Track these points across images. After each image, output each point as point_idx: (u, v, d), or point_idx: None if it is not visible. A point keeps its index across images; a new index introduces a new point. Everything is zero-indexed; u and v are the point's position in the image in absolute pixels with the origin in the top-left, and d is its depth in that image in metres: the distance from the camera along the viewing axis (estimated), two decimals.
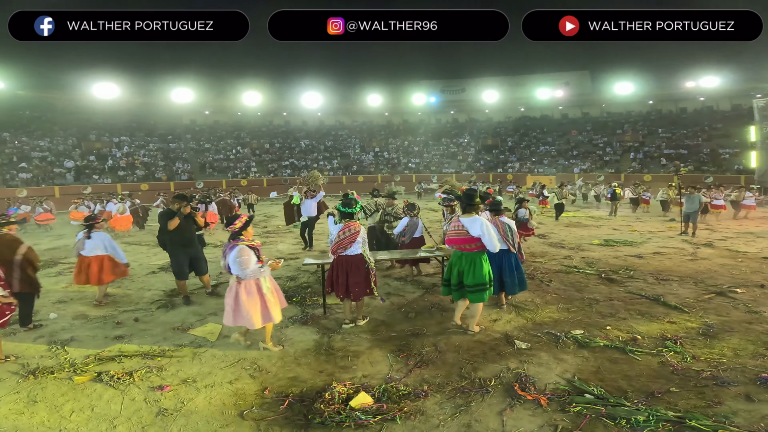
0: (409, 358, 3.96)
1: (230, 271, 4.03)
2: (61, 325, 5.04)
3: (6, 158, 26.57)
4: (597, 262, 7.96)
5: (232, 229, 4.04)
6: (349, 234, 4.49)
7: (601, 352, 4.07)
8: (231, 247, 4.00)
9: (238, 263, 3.90)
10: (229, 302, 3.99)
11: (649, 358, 3.89)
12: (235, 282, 3.99)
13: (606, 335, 4.48)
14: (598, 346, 4.19)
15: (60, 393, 3.43)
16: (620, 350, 4.06)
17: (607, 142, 35.10)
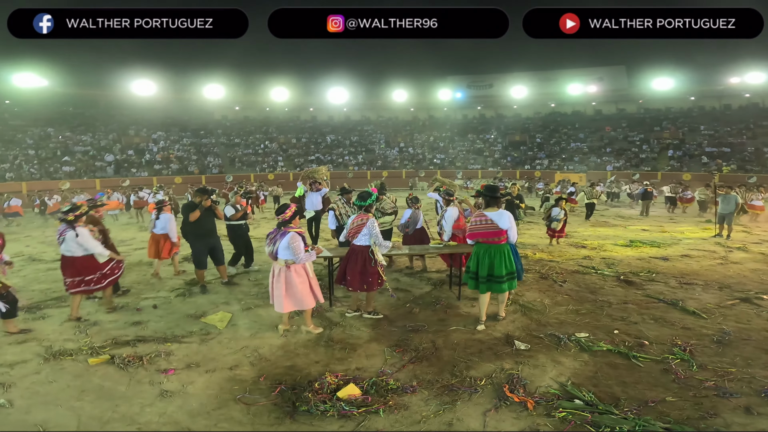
0: (404, 353, 4.01)
1: (276, 257, 4.26)
2: (88, 310, 5.38)
3: (51, 152, 28.33)
4: (617, 264, 7.71)
5: (282, 218, 4.26)
6: (358, 224, 4.67)
7: (602, 356, 3.97)
8: (282, 234, 4.23)
9: (291, 249, 4.16)
10: (280, 288, 4.22)
11: (652, 364, 3.77)
12: (284, 268, 4.22)
13: (612, 339, 4.36)
14: (601, 350, 4.09)
15: (75, 374, 3.69)
16: (623, 355, 3.95)
17: (644, 139, 33.60)
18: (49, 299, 5.92)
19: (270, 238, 4.35)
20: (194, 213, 5.90)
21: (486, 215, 4.47)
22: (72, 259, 4.97)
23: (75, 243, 4.90)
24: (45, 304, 5.67)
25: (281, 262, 4.26)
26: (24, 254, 9.30)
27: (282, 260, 4.25)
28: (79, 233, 4.89)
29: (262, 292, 6.04)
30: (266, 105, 39.80)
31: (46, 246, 10.37)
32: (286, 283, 4.21)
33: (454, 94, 39.59)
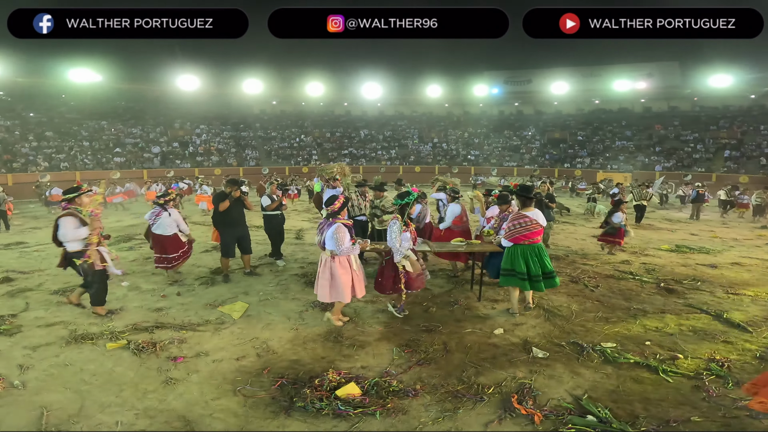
0: (413, 354, 3.88)
1: (324, 247, 4.34)
2: (117, 296, 5.62)
3: (103, 144, 30.16)
4: (659, 270, 7.17)
5: (331, 209, 4.30)
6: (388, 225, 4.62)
7: (628, 369, 3.67)
8: (329, 225, 4.30)
9: (335, 239, 4.21)
10: (326, 277, 4.30)
11: (683, 380, 3.44)
12: (329, 258, 4.29)
13: (641, 351, 4.04)
14: (627, 362, 3.78)
15: (91, 359, 3.82)
16: (652, 369, 3.63)
17: (698, 138, 31.31)
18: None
19: (319, 228, 4.46)
20: (224, 203, 6.05)
21: (528, 216, 4.61)
22: (162, 237, 6.02)
23: (168, 222, 6.01)
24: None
25: (327, 253, 4.32)
26: None
27: (328, 250, 4.31)
28: (171, 213, 6.08)
29: (282, 285, 6.10)
30: (302, 100, 40.45)
31: None
32: (332, 273, 4.28)
33: (491, 90, 38.49)
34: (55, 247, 4.99)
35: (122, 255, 8.09)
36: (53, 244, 4.90)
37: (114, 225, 12.32)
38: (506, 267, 4.76)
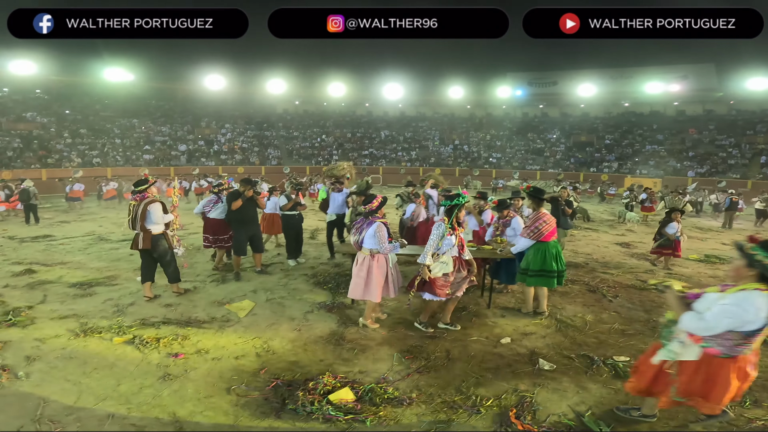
0: (414, 360, 3.78)
1: (361, 246, 4.35)
2: (130, 291, 5.75)
3: (134, 141, 31.23)
4: (685, 281, 6.81)
5: (369, 207, 4.32)
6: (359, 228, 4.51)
7: None
8: (368, 224, 4.32)
9: (377, 238, 4.24)
10: (362, 276, 4.31)
11: None
12: (368, 257, 4.31)
13: None
14: None
15: (95, 352, 3.90)
16: None
17: (734, 143, 29.81)
18: (102, 277, 6.40)
19: (356, 227, 4.44)
20: (236, 201, 6.14)
21: (547, 213, 4.88)
22: (216, 221, 6.78)
23: (223, 209, 6.70)
24: (97, 282, 6.14)
25: (365, 251, 4.33)
26: (95, 233, 10.25)
27: (366, 249, 4.31)
28: (224, 200, 6.71)
29: (291, 284, 6.10)
30: (324, 100, 40.80)
31: (117, 227, 11.36)
32: (369, 272, 4.28)
33: (514, 92, 37.80)
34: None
35: None
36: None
37: None
38: (536, 268, 4.78)
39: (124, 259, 7.54)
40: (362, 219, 4.42)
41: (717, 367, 2.58)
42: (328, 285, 5.95)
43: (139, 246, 5.23)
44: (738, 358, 2.56)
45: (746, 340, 2.49)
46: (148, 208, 5.21)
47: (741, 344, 2.50)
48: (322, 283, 6.10)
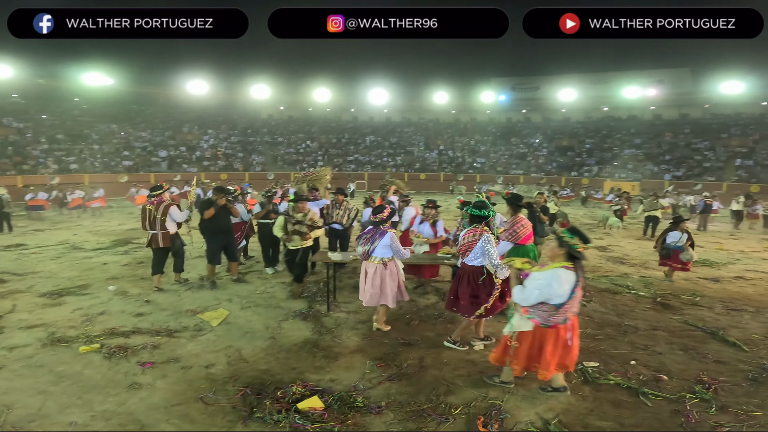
0: (386, 368, 3.78)
1: (369, 256, 4.37)
2: (101, 300, 5.62)
3: (113, 147, 30.62)
4: (658, 284, 6.96)
5: (380, 217, 4.37)
6: (470, 240, 4.02)
7: (607, 391, 3.51)
8: (381, 234, 4.35)
9: (393, 248, 4.36)
10: (375, 284, 4.37)
11: (663, 404, 3.28)
12: (380, 266, 4.38)
13: (625, 372, 3.87)
14: (608, 384, 3.62)
15: (62, 361, 3.82)
16: (632, 391, 3.48)
17: (710, 146, 30.76)
18: (73, 286, 6.25)
19: (365, 238, 4.42)
20: (209, 210, 6.07)
21: (525, 218, 5.10)
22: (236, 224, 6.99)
23: (242, 211, 7.08)
24: (67, 291, 5.99)
25: (377, 260, 4.38)
26: (69, 242, 10.00)
27: (378, 258, 4.38)
28: (239, 207, 7.07)
29: (268, 292, 6.04)
30: (309, 105, 40.75)
31: (92, 235, 11.11)
32: (382, 281, 4.35)
33: (498, 97, 38.43)
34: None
35: (115, 259, 8.15)
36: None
37: (115, 228, 12.45)
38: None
39: (96, 268, 7.38)
40: (371, 229, 4.43)
41: (541, 336, 3.14)
42: (304, 294, 5.90)
43: (159, 244, 5.93)
44: (557, 328, 3.11)
45: (558, 312, 3.03)
46: (169, 210, 5.95)
47: (554, 315, 3.04)
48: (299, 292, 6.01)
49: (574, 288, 3.01)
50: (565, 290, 2.97)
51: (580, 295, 3.07)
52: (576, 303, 3.07)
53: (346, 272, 6.96)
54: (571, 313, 3.08)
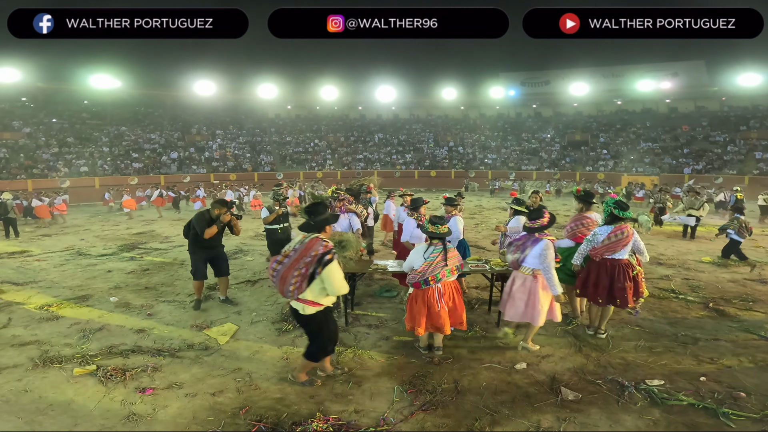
0: (417, 395, 3.29)
1: (520, 265, 3.98)
2: (101, 313, 5.22)
3: (123, 149, 30.55)
4: (705, 287, 6.38)
5: (540, 223, 3.95)
6: (623, 237, 4.19)
7: (680, 413, 3.04)
8: (534, 241, 3.92)
9: (545, 256, 3.84)
10: (521, 297, 3.99)
11: (748, 425, 2.77)
12: (530, 277, 3.95)
13: (696, 389, 3.39)
14: (680, 404, 3.14)
15: (54, 385, 3.42)
16: (710, 412, 2.99)
17: (729, 139, 29.73)
18: (74, 297, 5.87)
19: (517, 245, 4.06)
20: (211, 229, 5.11)
21: (590, 217, 4.98)
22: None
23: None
24: (67, 303, 5.61)
25: (527, 271, 3.97)
26: (75, 248, 9.67)
27: (529, 269, 3.95)
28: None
29: (278, 304, 5.56)
30: (317, 104, 40.37)
31: (99, 240, 10.79)
32: (530, 294, 3.95)
33: (507, 92, 37.59)
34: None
35: (120, 266, 7.78)
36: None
37: (123, 232, 12.14)
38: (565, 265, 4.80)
39: (100, 276, 7.01)
40: (524, 235, 4.05)
41: (413, 298, 3.83)
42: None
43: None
44: (426, 291, 3.77)
45: (420, 277, 3.74)
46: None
47: (418, 279, 3.75)
48: None
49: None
50: (418, 261, 3.85)
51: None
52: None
53: (364, 280, 6.48)
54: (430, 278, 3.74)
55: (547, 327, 4.70)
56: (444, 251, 3.77)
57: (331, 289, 3.15)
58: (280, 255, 3.23)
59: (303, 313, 3.19)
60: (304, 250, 3.13)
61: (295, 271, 3.09)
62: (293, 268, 3.10)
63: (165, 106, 37.85)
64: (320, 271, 3.08)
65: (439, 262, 3.73)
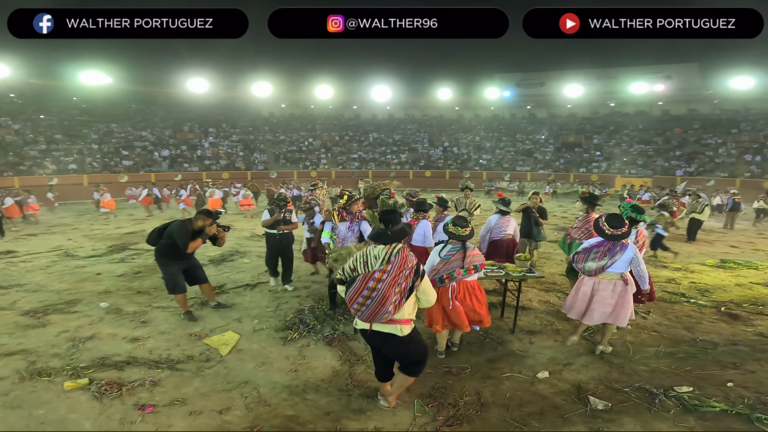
0: (440, 409, 3.08)
1: (603, 270, 3.91)
2: (91, 319, 4.91)
3: (113, 147, 29.89)
4: (713, 291, 6.28)
5: (623, 231, 3.86)
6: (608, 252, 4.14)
7: (714, 420, 2.94)
8: (622, 247, 3.89)
9: (638, 260, 3.94)
10: (610, 303, 3.95)
11: None
12: (620, 282, 3.94)
13: (725, 395, 3.28)
14: (713, 410, 3.03)
15: (44, 401, 3.14)
16: (743, 418, 2.88)
17: (720, 142, 30.06)
18: (60, 303, 5.53)
19: (601, 252, 3.93)
20: (195, 243, 4.72)
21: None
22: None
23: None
24: (54, 308, 5.28)
25: (615, 276, 3.94)
26: (62, 248, 9.28)
27: (618, 274, 3.94)
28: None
29: (281, 310, 5.28)
30: (311, 102, 40.00)
31: (87, 240, 10.40)
32: (621, 298, 3.93)
33: (502, 93, 37.64)
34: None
35: (110, 268, 7.44)
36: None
37: (113, 232, 11.75)
38: None
39: (89, 280, 6.66)
40: (606, 242, 3.93)
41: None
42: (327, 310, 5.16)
43: None
44: (439, 289, 3.69)
45: (435, 274, 3.74)
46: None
47: (433, 277, 3.73)
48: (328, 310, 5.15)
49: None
50: (434, 260, 3.88)
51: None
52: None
53: None
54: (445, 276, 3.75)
55: (564, 334, 4.55)
56: (463, 250, 3.77)
57: (428, 300, 2.97)
58: (378, 273, 2.80)
59: (401, 334, 2.86)
60: (401, 263, 2.83)
61: (396, 287, 2.78)
62: (394, 284, 2.78)
63: (156, 103, 37.19)
64: (419, 284, 2.86)
65: (456, 260, 3.73)
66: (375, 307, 2.78)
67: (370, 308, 2.79)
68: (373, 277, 2.80)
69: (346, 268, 2.96)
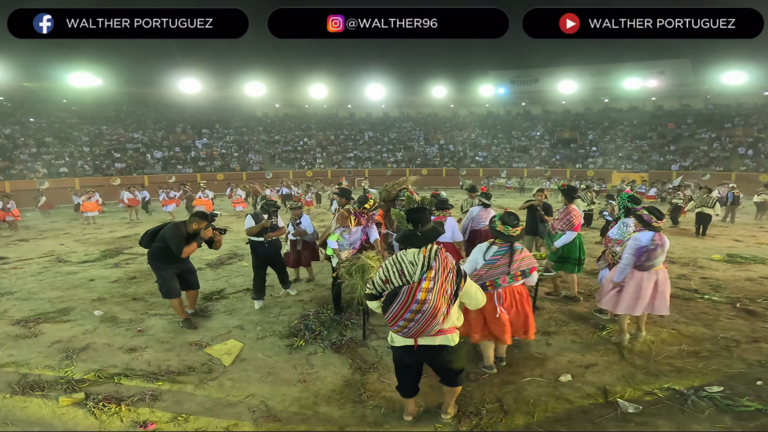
0: (462, 418, 2.90)
1: (643, 264, 3.93)
2: (85, 329, 4.67)
3: (104, 149, 29.41)
4: (725, 286, 6.16)
5: (661, 223, 3.96)
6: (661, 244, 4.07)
7: (751, 419, 2.81)
8: (662, 237, 4.03)
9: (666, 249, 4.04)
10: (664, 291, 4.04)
11: None
12: (664, 270, 4.08)
13: (757, 394, 3.15)
14: (748, 410, 2.90)
15: (36, 417, 2.93)
16: None
17: (714, 137, 30.21)
18: (53, 311, 5.28)
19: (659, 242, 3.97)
20: (190, 247, 4.52)
21: (576, 209, 5.29)
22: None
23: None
24: (46, 317, 5.03)
25: (660, 265, 4.04)
26: (54, 253, 9.00)
27: (662, 263, 4.05)
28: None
29: (285, 316, 5.06)
30: (305, 102, 39.68)
31: (80, 245, 10.11)
32: (667, 284, 4.08)
33: (497, 90, 37.55)
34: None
35: (104, 274, 7.18)
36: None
37: (106, 236, 11.45)
38: (563, 255, 5.25)
39: (82, 286, 6.41)
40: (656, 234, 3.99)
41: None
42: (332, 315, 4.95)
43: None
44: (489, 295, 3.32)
45: (476, 281, 3.30)
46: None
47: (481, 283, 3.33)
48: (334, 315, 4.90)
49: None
50: (477, 263, 3.51)
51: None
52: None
53: None
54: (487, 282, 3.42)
55: (581, 334, 4.40)
56: (510, 254, 3.39)
57: (476, 302, 2.72)
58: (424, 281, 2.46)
59: (452, 344, 2.60)
60: (444, 267, 2.52)
61: (444, 294, 2.48)
62: (443, 292, 2.48)
63: (148, 105, 36.72)
64: (463, 285, 2.57)
65: (501, 266, 3.37)
66: (425, 321, 2.45)
67: (419, 323, 2.47)
68: (420, 288, 2.45)
69: (376, 281, 2.61)
